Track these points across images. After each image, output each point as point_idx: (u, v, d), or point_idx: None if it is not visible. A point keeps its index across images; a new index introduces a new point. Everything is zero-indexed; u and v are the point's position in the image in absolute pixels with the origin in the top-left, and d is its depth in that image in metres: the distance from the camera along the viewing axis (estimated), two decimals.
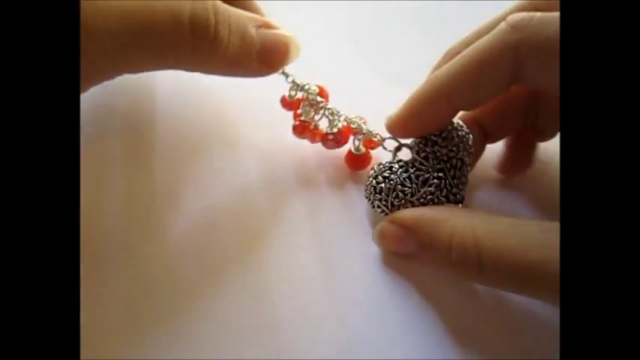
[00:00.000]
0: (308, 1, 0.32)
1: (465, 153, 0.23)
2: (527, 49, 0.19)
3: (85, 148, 0.24)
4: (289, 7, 0.31)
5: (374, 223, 0.24)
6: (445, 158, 0.22)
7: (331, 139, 0.25)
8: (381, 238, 0.22)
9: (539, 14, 0.19)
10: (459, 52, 0.22)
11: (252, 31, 0.21)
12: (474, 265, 0.19)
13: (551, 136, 0.25)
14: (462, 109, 0.23)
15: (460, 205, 0.22)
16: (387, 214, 0.23)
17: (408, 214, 0.22)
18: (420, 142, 0.23)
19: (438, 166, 0.22)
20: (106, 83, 0.21)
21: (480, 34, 0.22)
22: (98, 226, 0.23)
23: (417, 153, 0.23)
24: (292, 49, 0.23)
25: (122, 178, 0.25)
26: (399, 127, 0.22)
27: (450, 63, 0.21)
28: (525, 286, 0.19)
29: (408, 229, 0.21)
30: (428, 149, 0.23)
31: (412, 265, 0.23)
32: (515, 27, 0.19)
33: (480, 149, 0.25)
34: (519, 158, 0.26)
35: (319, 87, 0.25)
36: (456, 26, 0.29)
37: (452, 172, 0.22)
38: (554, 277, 0.17)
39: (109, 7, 0.18)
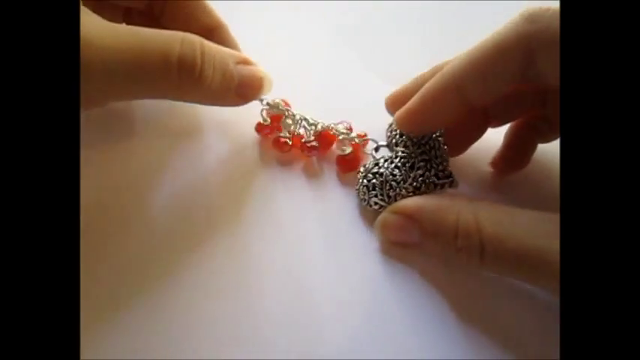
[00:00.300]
0: (307, 0, 0.34)
1: (439, 134, 0.24)
2: (541, 41, 0.19)
3: None
4: (289, 7, 0.33)
5: (369, 221, 0.24)
6: (423, 142, 0.24)
7: (308, 147, 0.25)
8: (383, 229, 0.22)
9: (554, 7, 0.19)
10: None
11: (233, 67, 0.23)
12: (477, 251, 0.19)
13: (555, 135, 0.25)
14: (474, 103, 0.22)
15: (450, 179, 0.23)
16: (384, 207, 0.23)
17: (409, 203, 0.22)
18: (396, 135, 0.25)
19: (419, 150, 0.24)
20: None
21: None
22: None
23: (396, 145, 0.24)
24: (265, 84, 0.25)
25: (98, 165, 0.25)
26: (410, 121, 0.23)
27: (462, 54, 0.21)
28: (525, 274, 0.19)
29: (412, 218, 0.21)
30: (404, 138, 0.24)
31: (411, 257, 0.23)
32: (530, 18, 0.19)
33: (480, 131, 0.25)
34: (516, 157, 0.26)
35: (283, 101, 0.26)
36: (455, 25, 0.32)
37: (432, 152, 0.24)
38: (553, 265, 0.17)
39: (105, 46, 0.19)
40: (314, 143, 0.26)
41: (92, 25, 0.20)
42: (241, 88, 0.24)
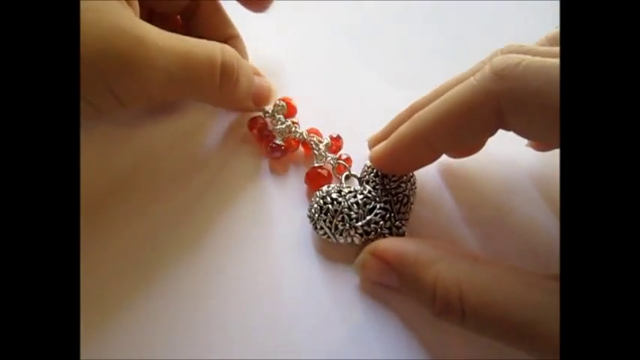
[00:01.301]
0: (311, 0, 0.33)
1: (411, 192, 0.24)
2: (510, 100, 0.18)
3: None
4: (293, 7, 0.32)
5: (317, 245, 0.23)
6: (393, 192, 0.23)
7: (274, 148, 0.26)
8: (363, 269, 0.22)
9: (526, 61, 0.18)
10: (420, 108, 0.21)
11: (252, 77, 0.25)
12: (458, 315, 0.18)
13: None
14: (445, 153, 0.22)
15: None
16: (328, 237, 0.23)
17: (390, 247, 0.21)
18: (372, 173, 0.24)
19: (385, 198, 0.23)
20: None
21: (444, 91, 0.21)
22: None
23: (367, 182, 0.24)
24: (272, 95, 0.27)
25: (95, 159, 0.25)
26: (382, 162, 0.23)
27: (433, 105, 0.21)
28: (512, 343, 0.18)
29: (391, 266, 0.20)
30: (378, 180, 0.24)
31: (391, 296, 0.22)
32: (499, 75, 0.18)
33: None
34: None
35: (286, 100, 0.27)
36: (457, 26, 0.31)
37: (397, 206, 0.23)
38: (544, 338, 0.16)
39: (164, 48, 0.21)
40: (281, 143, 0.26)
41: (150, 28, 0.21)
42: (256, 96, 0.26)
